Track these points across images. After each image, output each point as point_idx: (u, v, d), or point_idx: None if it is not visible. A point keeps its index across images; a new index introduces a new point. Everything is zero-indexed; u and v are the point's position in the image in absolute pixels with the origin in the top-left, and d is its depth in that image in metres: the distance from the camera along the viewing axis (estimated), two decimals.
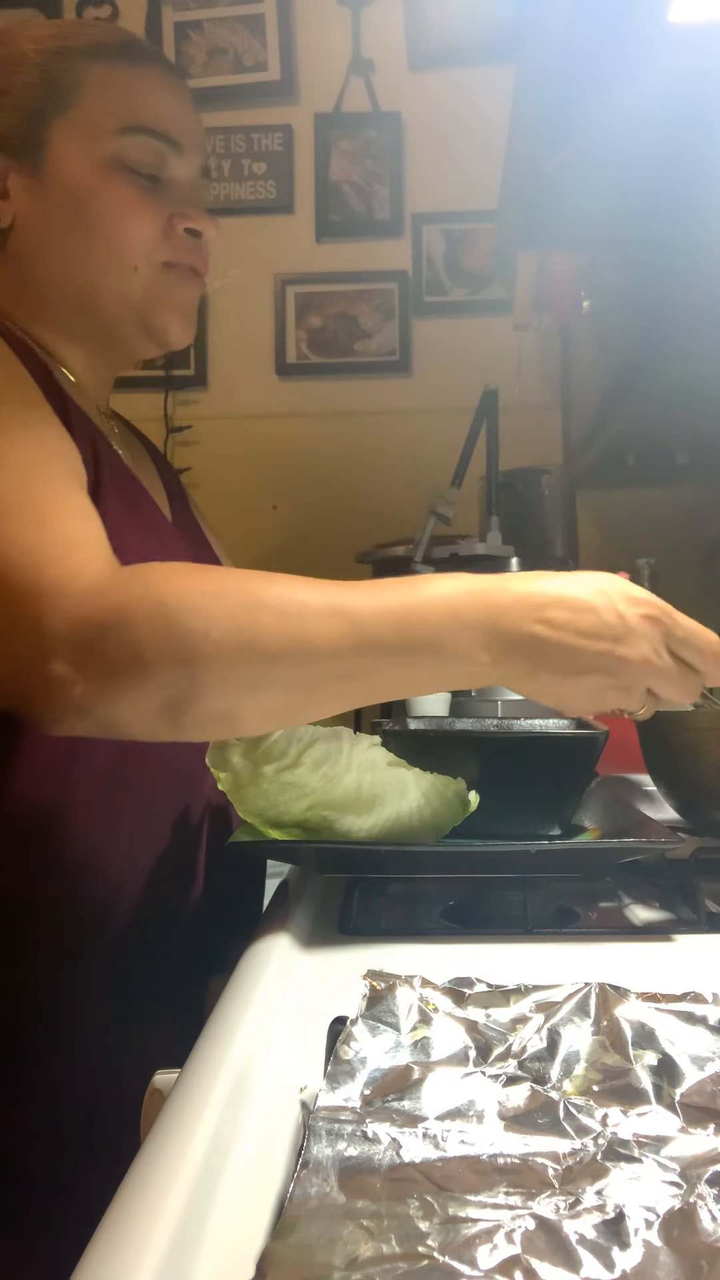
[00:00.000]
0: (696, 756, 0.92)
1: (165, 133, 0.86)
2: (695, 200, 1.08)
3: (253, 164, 2.14)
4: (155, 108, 0.86)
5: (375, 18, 2.11)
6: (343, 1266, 0.31)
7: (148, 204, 0.85)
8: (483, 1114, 0.41)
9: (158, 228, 0.86)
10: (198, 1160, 0.39)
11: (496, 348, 2.01)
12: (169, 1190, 0.37)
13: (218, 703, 0.63)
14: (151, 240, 0.86)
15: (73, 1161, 0.73)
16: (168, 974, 0.81)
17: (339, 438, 2.09)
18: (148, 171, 0.86)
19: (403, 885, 0.84)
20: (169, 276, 0.88)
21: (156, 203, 0.86)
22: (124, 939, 0.79)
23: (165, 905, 0.82)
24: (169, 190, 0.87)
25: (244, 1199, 0.39)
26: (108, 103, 0.85)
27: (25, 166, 0.84)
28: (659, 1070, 0.43)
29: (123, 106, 0.85)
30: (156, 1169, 0.38)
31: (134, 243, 0.85)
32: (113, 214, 0.84)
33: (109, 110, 0.84)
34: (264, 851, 0.77)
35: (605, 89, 0.96)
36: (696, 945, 0.69)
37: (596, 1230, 0.33)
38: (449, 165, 2.08)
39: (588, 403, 1.85)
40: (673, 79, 0.90)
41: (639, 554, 1.75)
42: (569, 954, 0.67)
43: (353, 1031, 0.45)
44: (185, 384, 2.12)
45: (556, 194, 1.16)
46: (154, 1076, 0.52)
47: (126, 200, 0.84)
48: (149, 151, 0.85)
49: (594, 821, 0.89)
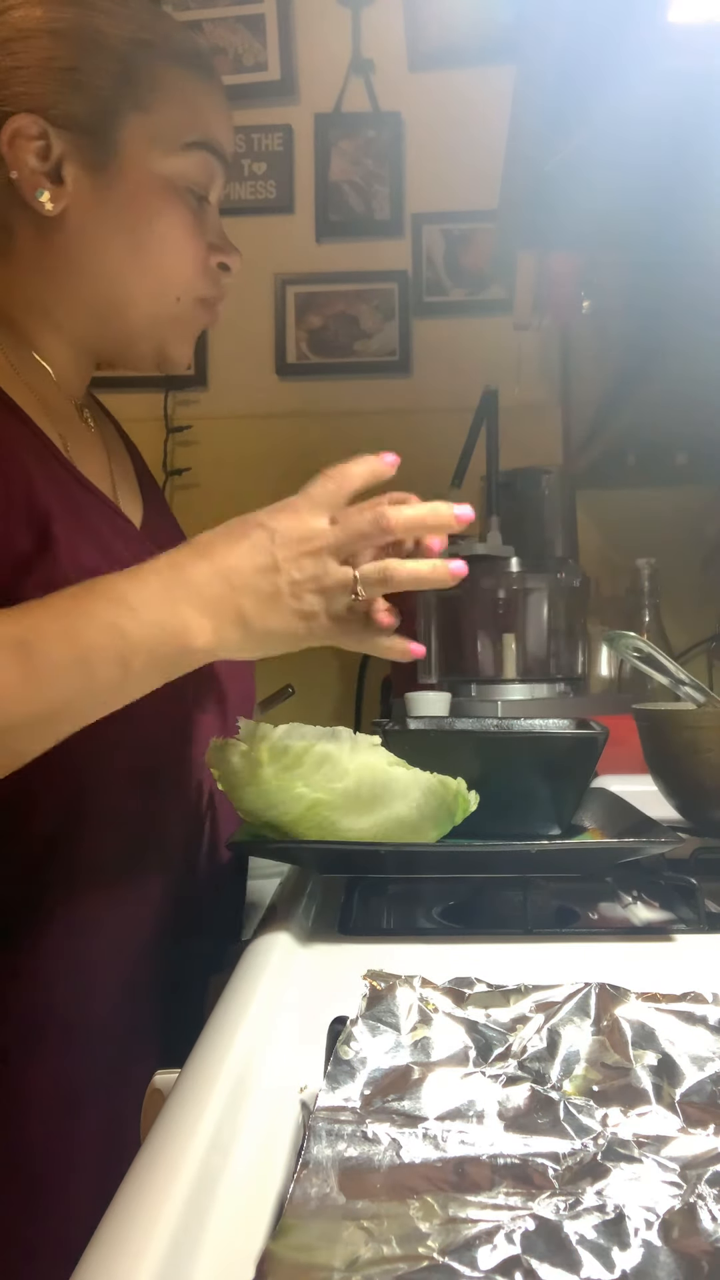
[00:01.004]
0: (696, 756, 0.92)
1: (222, 152, 0.85)
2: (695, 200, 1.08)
3: (253, 164, 2.14)
4: (216, 124, 0.85)
5: (375, 18, 2.11)
6: (343, 1267, 0.31)
7: (196, 233, 0.85)
8: (483, 1114, 0.41)
9: (200, 258, 0.86)
10: (198, 1160, 0.39)
11: (496, 348, 2.01)
12: (169, 1190, 0.37)
13: None
14: (194, 271, 0.86)
15: (73, 1161, 0.73)
16: (168, 974, 0.81)
17: (339, 438, 2.09)
18: (200, 192, 0.85)
19: (403, 885, 0.84)
20: (198, 310, 0.88)
21: (201, 230, 0.86)
22: (124, 939, 0.79)
23: (165, 905, 0.82)
24: (208, 215, 0.87)
25: (244, 1199, 0.39)
26: (183, 112, 0.83)
27: (89, 158, 0.80)
28: (659, 1070, 0.43)
29: (196, 119, 0.83)
30: (156, 1169, 0.38)
31: (178, 272, 0.85)
32: (171, 240, 0.83)
33: (183, 120, 0.83)
34: (264, 851, 0.77)
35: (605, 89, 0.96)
36: (696, 945, 0.69)
37: (596, 1230, 0.33)
38: (449, 165, 2.08)
39: (588, 403, 1.85)
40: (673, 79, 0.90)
41: (639, 554, 1.75)
42: (569, 954, 0.67)
43: (353, 1031, 0.45)
44: (185, 384, 2.12)
45: (556, 194, 1.16)
46: (154, 1076, 0.52)
47: (184, 228, 0.84)
48: (207, 171, 0.85)
49: (594, 821, 0.89)
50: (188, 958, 0.83)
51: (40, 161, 0.79)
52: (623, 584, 1.81)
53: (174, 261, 0.84)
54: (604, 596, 1.85)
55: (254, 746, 0.70)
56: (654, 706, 1.03)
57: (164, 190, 0.83)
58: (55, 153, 0.79)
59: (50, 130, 0.79)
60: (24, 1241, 0.72)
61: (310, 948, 0.68)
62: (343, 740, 0.73)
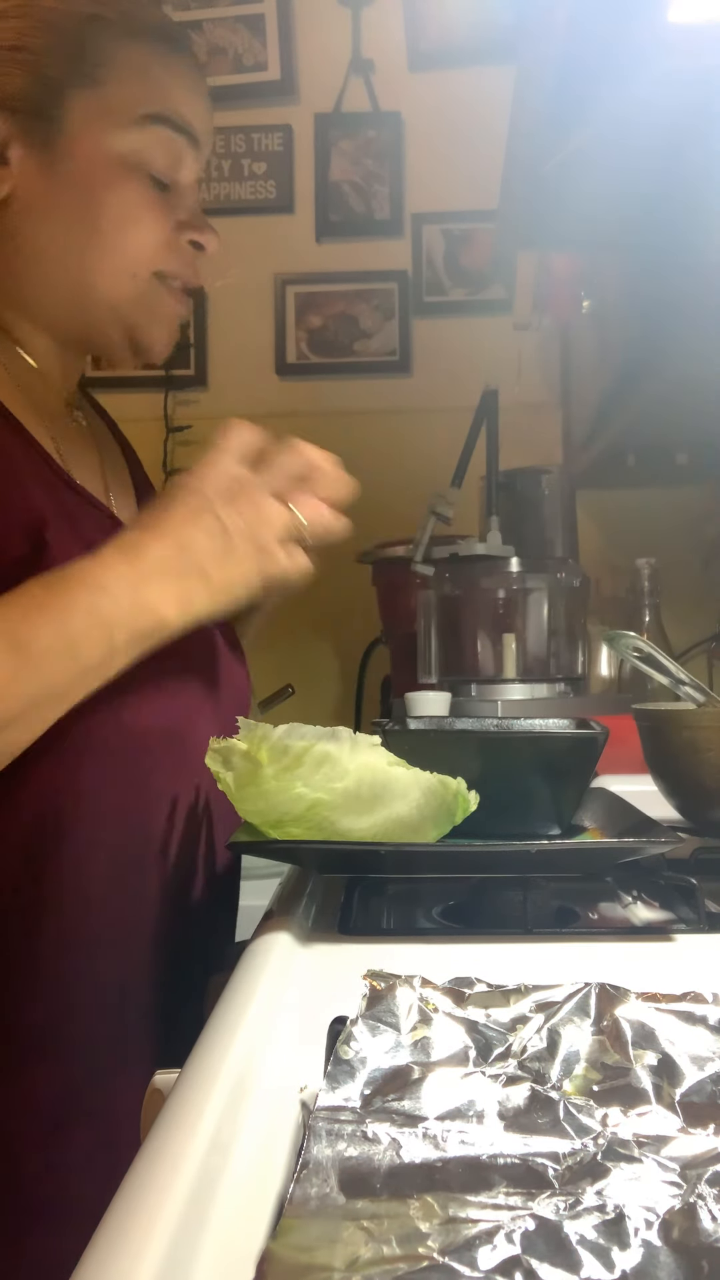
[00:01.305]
0: (696, 756, 0.92)
1: (188, 128, 0.82)
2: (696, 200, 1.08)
3: (253, 164, 2.14)
4: (182, 99, 0.82)
5: (375, 18, 2.11)
6: (343, 1267, 0.31)
7: (157, 209, 0.82)
8: (483, 1114, 0.41)
9: (162, 235, 0.83)
10: (198, 1160, 0.39)
11: (496, 348, 2.01)
12: (169, 1190, 0.37)
13: None
14: (154, 248, 0.83)
15: (73, 1161, 0.73)
16: (168, 974, 0.81)
17: (339, 438, 2.08)
18: (162, 176, 0.82)
19: (403, 885, 0.84)
20: (159, 289, 0.85)
21: (165, 207, 0.83)
22: (123, 939, 0.79)
23: (165, 905, 0.82)
24: (177, 196, 0.84)
25: (244, 1199, 0.39)
26: (136, 86, 0.80)
27: (34, 137, 0.78)
28: (659, 1070, 0.43)
29: (152, 92, 0.80)
30: (156, 1169, 0.38)
31: (139, 249, 0.82)
32: (124, 216, 0.81)
33: (136, 94, 0.80)
34: (264, 851, 0.76)
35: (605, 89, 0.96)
36: (696, 945, 0.69)
37: (596, 1230, 0.33)
38: (449, 165, 2.08)
39: (588, 403, 1.85)
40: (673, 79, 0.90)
41: (639, 554, 1.75)
42: (569, 954, 0.67)
43: (353, 1031, 0.45)
44: (185, 384, 2.12)
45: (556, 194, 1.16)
46: (154, 1076, 0.52)
47: (140, 203, 0.81)
48: (169, 148, 0.82)
49: (594, 821, 0.89)
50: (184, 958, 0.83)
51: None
52: (623, 584, 1.81)
53: (132, 239, 0.81)
54: (604, 596, 1.85)
55: (254, 747, 0.70)
56: (654, 706, 1.03)
57: (117, 166, 0.80)
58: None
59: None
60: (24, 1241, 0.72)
61: (310, 948, 0.68)
62: (343, 740, 0.73)
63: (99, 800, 0.77)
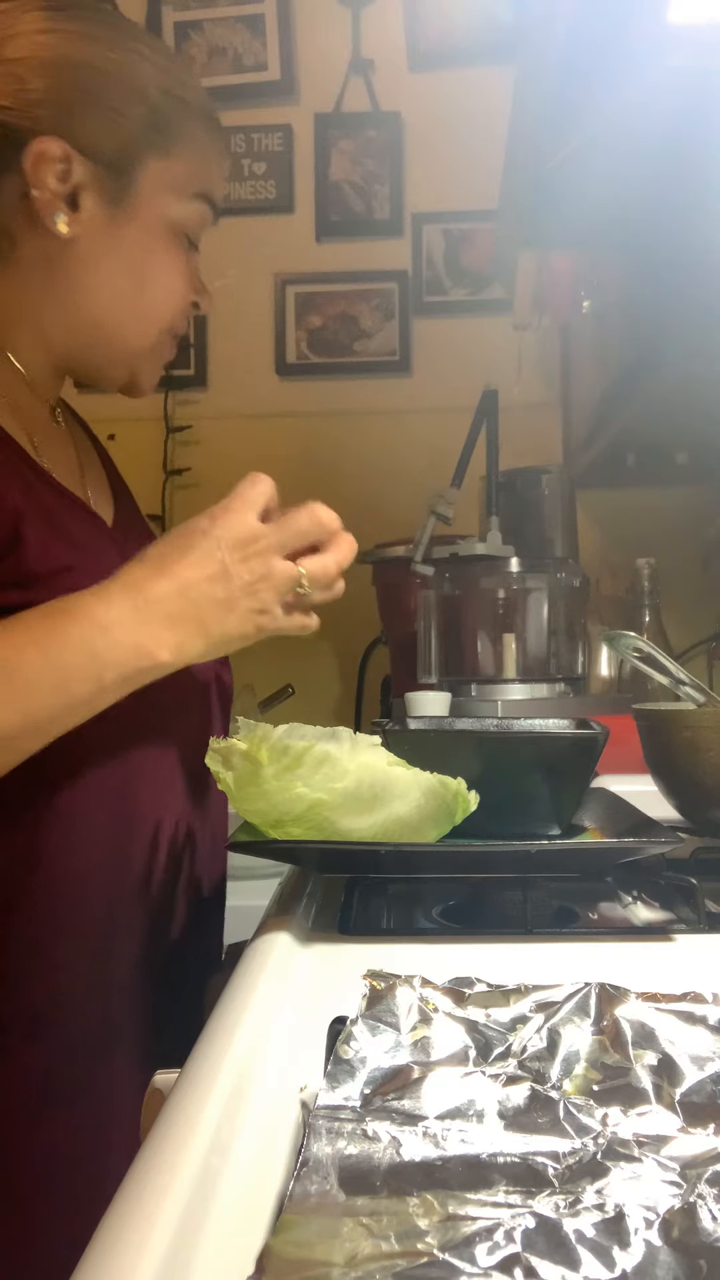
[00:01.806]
0: (696, 756, 0.92)
1: (217, 204, 0.91)
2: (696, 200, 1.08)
3: (253, 164, 2.14)
4: (219, 177, 0.91)
5: (375, 18, 2.11)
6: (342, 1264, 0.31)
7: (187, 275, 0.90)
8: (483, 1113, 0.41)
9: (186, 297, 0.91)
10: (198, 1160, 0.39)
11: (496, 348, 2.01)
12: (169, 1190, 0.37)
13: None
14: (182, 307, 0.91)
15: (59, 1142, 0.73)
16: (168, 974, 0.81)
17: (339, 438, 2.09)
18: (193, 239, 0.90)
19: (403, 885, 0.84)
20: (168, 339, 0.93)
21: (191, 272, 0.91)
22: (123, 939, 0.79)
23: (165, 905, 0.82)
24: (194, 258, 0.92)
25: (244, 1198, 0.39)
26: (198, 165, 0.88)
27: (107, 191, 0.84)
28: (659, 1070, 0.43)
29: (205, 172, 0.89)
30: (156, 1169, 0.38)
31: (171, 307, 0.90)
32: (166, 280, 0.88)
33: (196, 172, 0.88)
34: (264, 851, 0.76)
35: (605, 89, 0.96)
36: (696, 945, 0.69)
37: (596, 1229, 0.33)
38: (449, 165, 2.08)
39: (588, 403, 1.85)
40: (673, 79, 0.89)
41: (639, 554, 1.75)
42: (569, 954, 0.67)
43: (353, 1031, 0.45)
44: (185, 384, 2.12)
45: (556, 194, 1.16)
46: (154, 1076, 0.52)
47: (179, 269, 0.89)
48: (203, 220, 0.90)
49: (594, 821, 0.89)
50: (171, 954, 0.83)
51: (60, 184, 0.82)
52: (623, 584, 1.81)
53: (165, 299, 0.89)
54: (604, 596, 1.85)
55: (254, 747, 0.70)
56: (654, 706, 1.03)
57: (168, 233, 0.87)
58: (74, 179, 0.82)
59: (74, 157, 0.82)
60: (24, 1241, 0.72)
61: (310, 948, 0.68)
62: (343, 740, 0.73)
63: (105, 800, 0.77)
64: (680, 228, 1.15)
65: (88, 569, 0.79)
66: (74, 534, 0.83)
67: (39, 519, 0.78)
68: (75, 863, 0.76)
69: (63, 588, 0.75)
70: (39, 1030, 0.74)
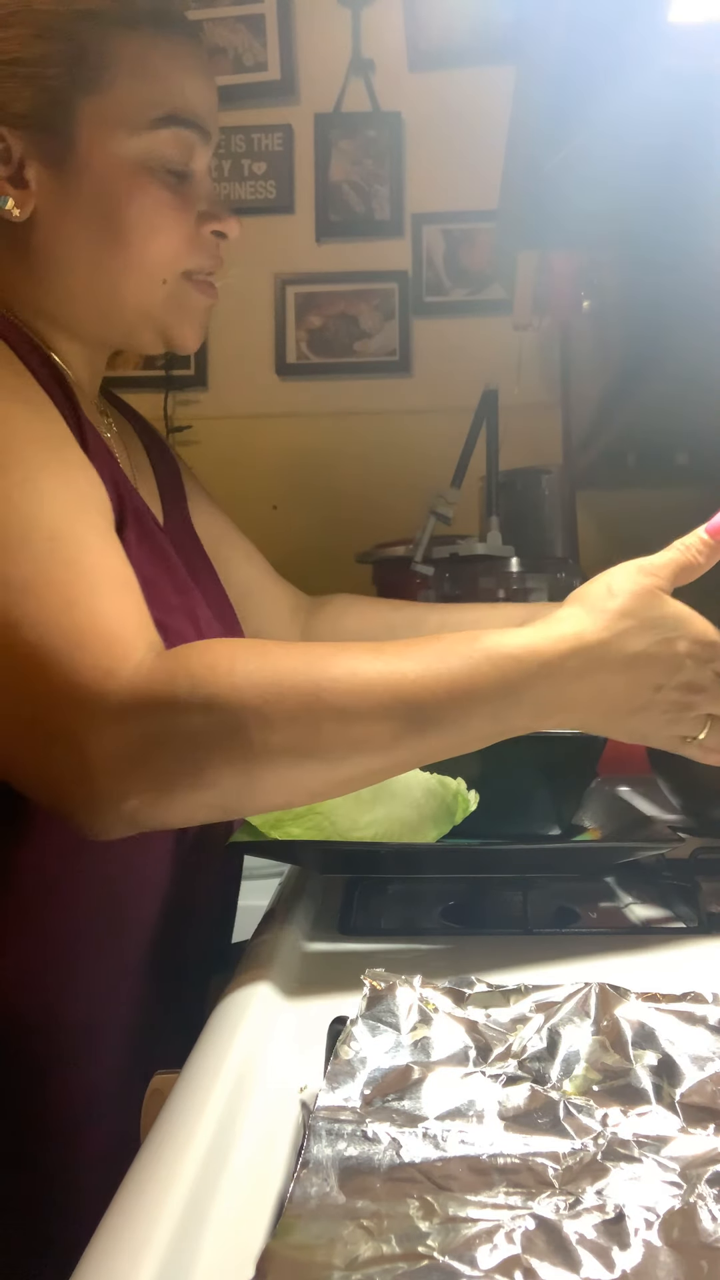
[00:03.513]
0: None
1: (198, 122, 0.80)
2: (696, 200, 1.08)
3: (253, 164, 2.14)
4: (188, 92, 0.79)
5: (375, 18, 2.11)
6: (343, 1266, 0.31)
7: (179, 209, 0.80)
8: (483, 1114, 0.41)
9: (187, 233, 0.81)
10: (198, 1160, 0.39)
11: (496, 348, 2.01)
12: (169, 1190, 0.37)
13: (272, 800, 0.63)
14: (180, 249, 0.81)
15: (72, 1161, 0.73)
16: (168, 974, 0.81)
17: (339, 438, 2.09)
18: (178, 169, 0.80)
19: (403, 885, 0.84)
20: (188, 287, 0.84)
21: (186, 204, 0.81)
22: (123, 939, 0.78)
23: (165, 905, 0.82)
24: (195, 185, 0.82)
25: (244, 1199, 0.39)
26: (142, 87, 0.77)
27: (48, 153, 0.76)
28: (659, 1070, 0.43)
29: (158, 92, 0.77)
30: (156, 1169, 0.38)
31: (165, 254, 0.80)
32: (146, 224, 0.79)
33: (143, 96, 0.77)
34: (264, 851, 0.77)
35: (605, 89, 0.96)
36: (696, 945, 0.69)
37: (596, 1230, 0.33)
38: (449, 165, 2.08)
39: (588, 403, 1.85)
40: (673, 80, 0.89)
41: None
42: (569, 954, 0.67)
43: (353, 1031, 0.45)
44: (185, 384, 2.12)
45: (556, 194, 1.16)
46: (154, 1076, 0.52)
47: (160, 208, 0.79)
48: (183, 145, 0.79)
49: (594, 821, 0.89)
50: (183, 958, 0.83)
51: (2, 167, 0.76)
52: None
53: (158, 245, 0.80)
54: None
55: None
56: None
57: (133, 173, 0.78)
58: (15, 155, 0.76)
59: (5, 132, 0.76)
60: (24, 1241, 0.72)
61: (310, 948, 0.68)
62: None
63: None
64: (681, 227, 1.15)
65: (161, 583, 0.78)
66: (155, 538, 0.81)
67: (134, 524, 0.77)
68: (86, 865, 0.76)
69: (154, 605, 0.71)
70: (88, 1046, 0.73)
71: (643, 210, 1.18)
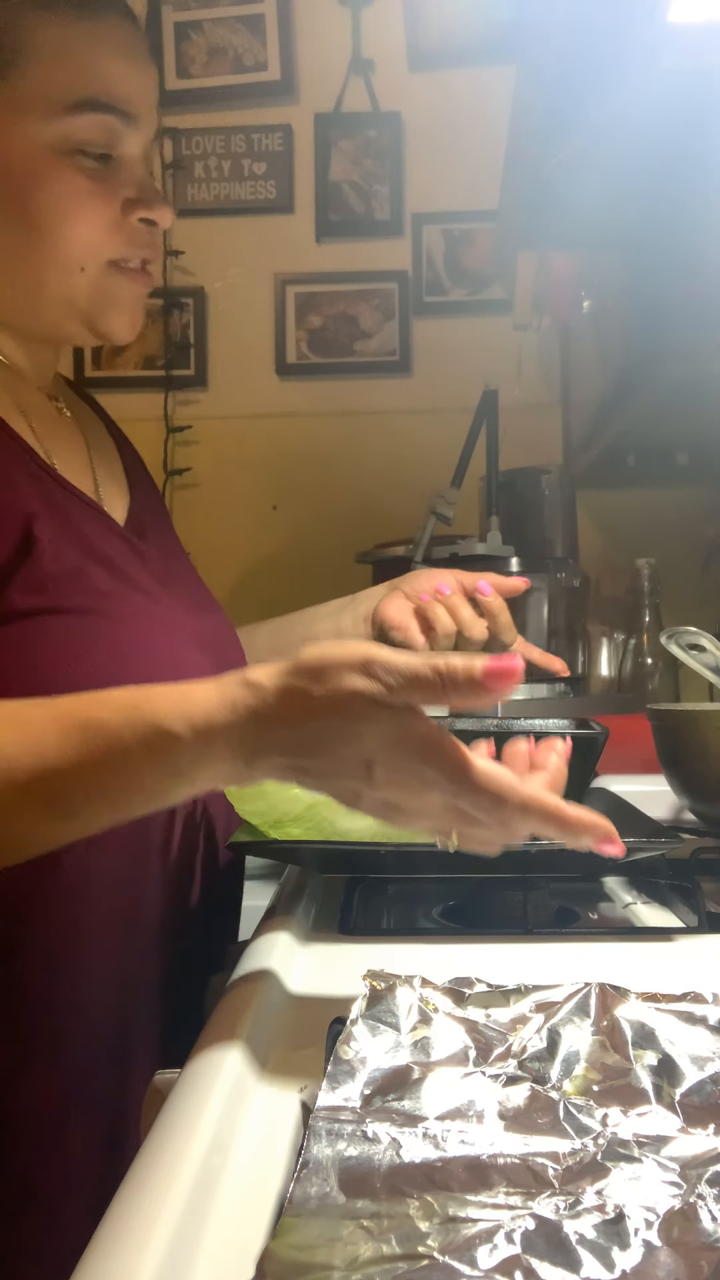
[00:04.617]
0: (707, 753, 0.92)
1: (121, 106, 0.77)
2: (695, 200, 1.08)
3: (253, 164, 2.14)
4: (110, 75, 0.76)
5: (375, 18, 2.11)
6: (343, 1266, 0.31)
7: (98, 195, 0.78)
8: (483, 1114, 0.41)
9: (109, 221, 0.79)
10: (198, 1160, 0.39)
11: (496, 348, 2.01)
12: (169, 1190, 0.37)
13: None
14: (101, 237, 0.79)
15: (72, 1161, 0.73)
16: (168, 974, 0.81)
17: (339, 438, 2.09)
18: (99, 151, 0.78)
19: (403, 885, 0.84)
20: (116, 276, 0.81)
21: (108, 190, 0.79)
22: (123, 939, 0.78)
23: (165, 905, 0.82)
24: (121, 170, 0.80)
25: (244, 1199, 0.39)
26: (57, 70, 0.74)
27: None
28: (659, 1070, 0.43)
29: (74, 76, 0.75)
30: (156, 1169, 0.38)
31: (83, 242, 0.78)
32: (60, 210, 0.77)
33: (58, 80, 0.75)
34: (264, 851, 0.77)
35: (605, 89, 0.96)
36: (696, 945, 0.69)
37: (596, 1230, 0.33)
38: (449, 165, 2.08)
39: (588, 403, 1.85)
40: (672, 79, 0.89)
41: (639, 554, 1.75)
42: (569, 954, 0.67)
43: (353, 1031, 0.45)
44: (185, 384, 2.12)
45: (556, 194, 1.16)
46: (154, 1076, 0.52)
47: (75, 194, 0.77)
48: (103, 129, 0.76)
49: None
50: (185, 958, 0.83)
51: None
52: (623, 584, 1.81)
53: (74, 233, 0.77)
54: (604, 596, 1.85)
55: None
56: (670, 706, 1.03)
57: (47, 158, 0.76)
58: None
59: None
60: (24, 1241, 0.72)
61: (310, 948, 0.68)
62: None
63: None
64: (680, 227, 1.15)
65: (100, 574, 0.77)
66: (85, 534, 0.78)
67: (52, 519, 0.75)
68: (92, 867, 0.76)
69: (78, 593, 0.73)
70: (60, 1045, 0.74)
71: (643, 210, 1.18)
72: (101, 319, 0.82)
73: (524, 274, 1.85)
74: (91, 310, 0.81)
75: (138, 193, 0.80)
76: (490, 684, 0.51)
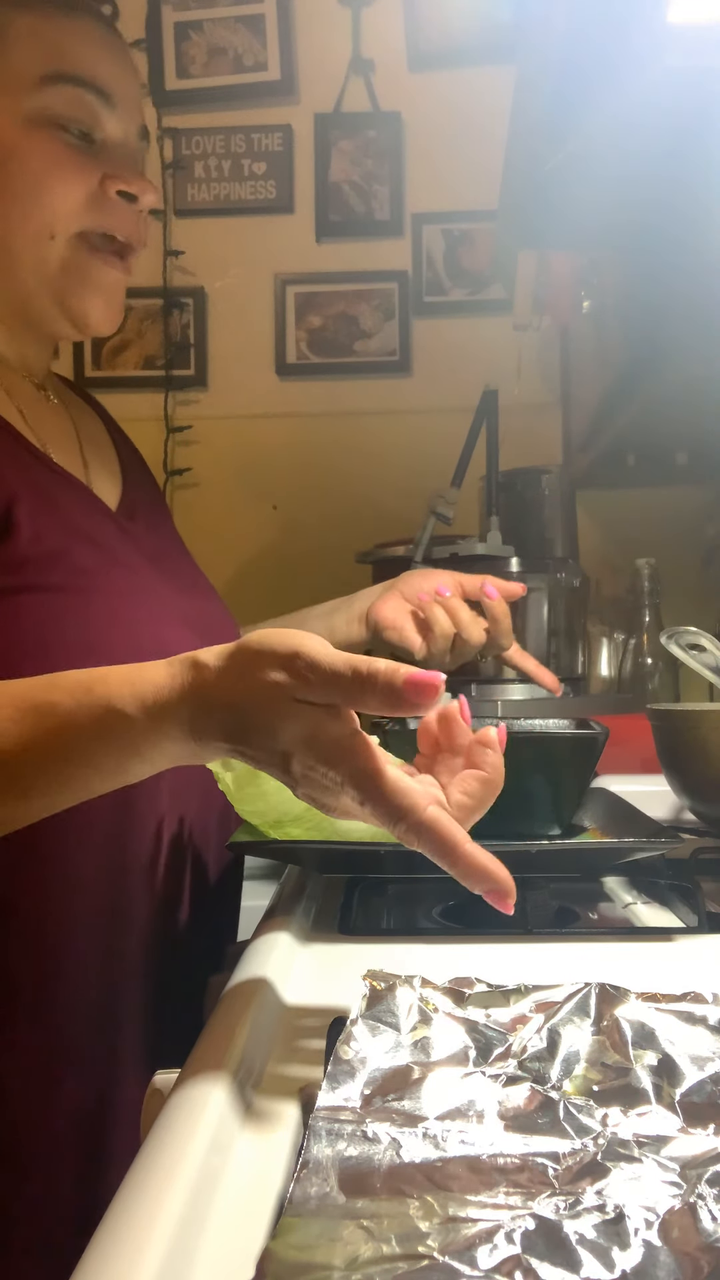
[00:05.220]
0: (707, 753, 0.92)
1: (95, 83, 0.80)
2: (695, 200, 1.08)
3: (253, 164, 2.14)
4: (84, 56, 0.79)
5: (375, 18, 2.11)
6: (343, 1266, 0.31)
7: (75, 165, 0.79)
8: (483, 1114, 0.41)
9: (86, 191, 0.80)
10: (198, 1160, 0.39)
11: (496, 348, 2.01)
12: (169, 1190, 0.37)
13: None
14: (74, 206, 0.79)
15: (73, 1161, 0.73)
16: (168, 974, 0.81)
17: (339, 438, 2.09)
18: (79, 129, 0.80)
19: (403, 885, 0.84)
20: (88, 255, 0.82)
21: (86, 161, 0.80)
22: (123, 939, 0.78)
23: (165, 905, 0.82)
24: (103, 151, 0.81)
25: (244, 1199, 0.39)
26: (32, 51, 0.78)
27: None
28: (659, 1070, 0.43)
29: (48, 54, 0.78)
30: (156, 1169, 0.38)
31: (55, 206, 0.79)
32: (34, 173, 0.78)
33: (33, 59, 0.78)
34: (264, 851, 0.76)
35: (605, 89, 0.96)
36: (696, 945, 0.69)
37: (596, 1230, 0.33)
38: (449, 165, 2.08)
39: (588, 403, 1.85)
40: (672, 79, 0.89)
41: (639, 554, 1.75)
42: (569, 954, 0.67)
43: (353, 1031, 0.45)
44: (185, 384, 2.12)
45: (556, 194, 1.16)
46: (154, 1076, 0.52)
47: (50, 158, 0.78)
48: (78, 104, 0.79)
49: (594, 821, 0.89)
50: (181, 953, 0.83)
51: None
52: (623, 584, 1.81)
53: (47, 196, 0.78)
54: (604, 596, 1.85)
55: None
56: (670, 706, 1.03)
57: (24, 128, 0.78)
58: None
59: None
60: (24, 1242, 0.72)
61: (310, 948, 0.68)
62: None
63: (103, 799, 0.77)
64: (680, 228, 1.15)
65: (84, 553, 0.77)
66: (71, 517, 0.79)
67: (34, 500, 0.75)
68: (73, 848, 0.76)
69: (56, 571, 0.73)
70: (39, 1010, 0.74)
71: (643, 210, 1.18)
72: (73, 295, 0.82)
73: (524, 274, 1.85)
74: (62, 284, 0.81)
75: (117, 169, 0.81)
76: (410, 694, 0.50)
